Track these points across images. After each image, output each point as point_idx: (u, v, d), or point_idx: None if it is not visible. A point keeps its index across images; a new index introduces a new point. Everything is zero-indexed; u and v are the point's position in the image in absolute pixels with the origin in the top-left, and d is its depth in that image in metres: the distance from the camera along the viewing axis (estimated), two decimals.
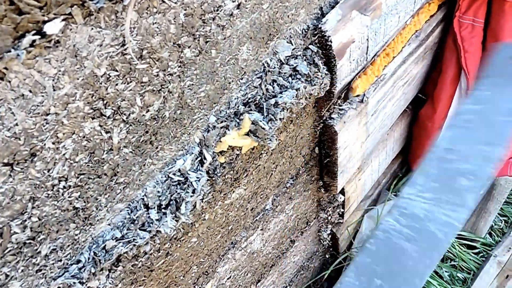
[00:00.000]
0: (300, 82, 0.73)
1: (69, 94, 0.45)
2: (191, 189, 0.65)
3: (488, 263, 1.59)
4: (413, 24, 1.09)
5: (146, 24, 0.48)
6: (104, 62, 0.46)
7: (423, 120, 1.41)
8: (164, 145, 0.61)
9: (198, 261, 0.88)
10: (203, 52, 0.58)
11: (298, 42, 0.74)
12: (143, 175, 0.60)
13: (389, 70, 1.06)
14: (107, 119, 0.50)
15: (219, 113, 0.67)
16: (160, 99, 0.55)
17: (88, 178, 0.52)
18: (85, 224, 0.56)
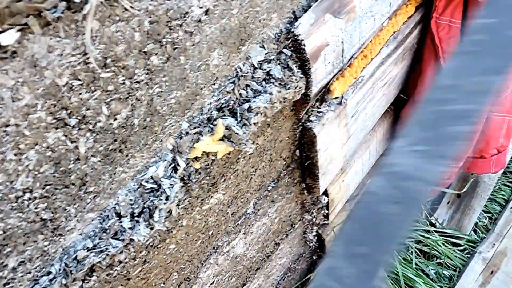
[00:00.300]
0: (273, 86, 0.73)
1: (30, 105, 0.44)
2: (164, 196, 0.64)
3: (473, 260, 1.61)
4: (390, 26, 1.10)
5: (108, 32, 0.48)
6: (65, 71, 0.46)
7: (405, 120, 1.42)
8: (135, 153, 0.60)
9: (179, 268, 0.87)
10: (171, 59, 0.57)
11: (271, 47, 0.74)
12: (114, 184, 0.60)
13: (367, 72, 1.07)
14: (72, 128, 0.50)
15: (191, 119, 0.67)
16: (128, 107, 0.55)
17: (55, 189, 0.52)
18: (54, 235, 0.55)
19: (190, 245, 0.86)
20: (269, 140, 0.91)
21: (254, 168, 0.92)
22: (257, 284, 1.33)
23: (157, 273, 0.80)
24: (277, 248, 1.31)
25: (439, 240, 1.60)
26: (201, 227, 0.86)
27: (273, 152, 0.96)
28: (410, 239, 1.58)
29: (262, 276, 1.33)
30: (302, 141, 1.02)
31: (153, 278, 0.80)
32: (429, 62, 1.26)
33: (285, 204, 1.18)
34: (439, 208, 1.74)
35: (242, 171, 0.88)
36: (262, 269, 1.29)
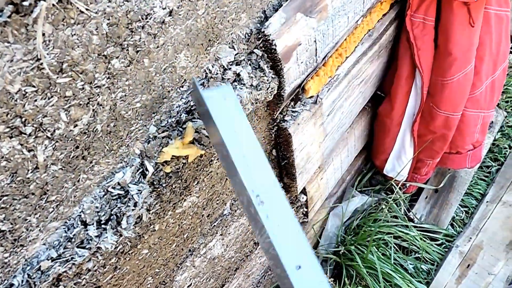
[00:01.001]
0: (244, 87, 0.72)
1: None
2: (132, 203, 0.63)
3: (450, 254, 1.64)
4: (365, 24, 1.10)
5: (63, 36, 0.46)
6: (17, 78, 0.44)
7: (382, 117, 1.43)
8: (100, 159, 0.58)
9: (153, 272, 0.86)
10: (134, 61, 0.56)
11: (241, 47, 0.73)
12: (78, 191, 0.58)
13: (342, 70, 1.07)
14: (28, 137, 0.48)
15: (159, 122, 0.66)
16: (89, 112, 0.53)
17: (13, 199, 0.50)
18: (15, 246, 0.53)
19: (164, 249, 0.84)
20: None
21: None
22: (237, 284, 1.33)
23: (130, 279, 0.79)
24: (257, 247, 1.31)
25: (417, 235, 1.62)
26: (175, 230, 0.84)
27: None
28: (388, 235, 1.60)
29: (241, 275, 1.32)
30: (278, 141, 1.01)
31: (126, 284, 0.78)
32: (404, 60, 1.27)
33: None
34: (417, 203, 1.77)
35: (216, 173, 0.87)
36: (241, 269, 1.29)
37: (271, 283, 1.62)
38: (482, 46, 1.26)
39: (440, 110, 1.33)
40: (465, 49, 1.20)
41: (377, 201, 1.70)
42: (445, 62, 1.22)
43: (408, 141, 1.47)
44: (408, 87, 1.32)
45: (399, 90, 1.32)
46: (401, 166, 1.56)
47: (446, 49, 1.19)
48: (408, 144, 1.48)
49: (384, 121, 1.43)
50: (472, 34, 1.19)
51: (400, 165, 1.56)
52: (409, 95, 1.34)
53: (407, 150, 1.50)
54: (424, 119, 1.39)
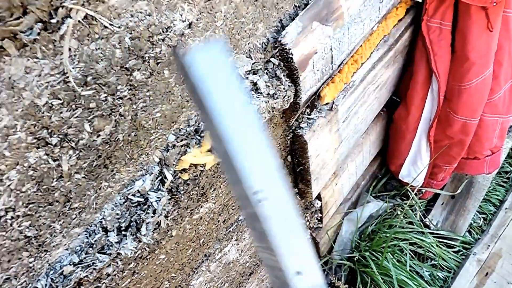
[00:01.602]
0: (261, 96, 0.73)
1: (9, 126, 0.44)
2: (151, 210, 0.64)
3: (468, 261, 1.61)
4: (381, 30, 1.10)
5: (88, 50, 0.47)
6: (44, 91, 0.45)
7: (398, 122, 1.42)
8: (121, 168, 0.60)
9: (170, 276, 0.87)
10: (155, 73, 0.57)
11: (258, 56, 0.74)
12: (100, 199, 0.60)
13: (358, 77, 1.06)
14: (54, 147, 0.49)
15: (178, 131, 0.67)
16: (111, 123, 0.55)
17: (38, 207, 0.52)
18: (39, 251, 0.55)
19: (181, 254, 0.86)
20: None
21: None
22: None
23: (147, 283, 0.80)
24: None
25: (433, 242, 1.60)
26: (192, 236, 0.86)
27: None
28: (404, 241, 1.58)
29: (256, 280, 1.33)
30: (293, 148, 1.02)
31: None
32: (420, 65, 1.26)
33: None
34: (433, 209, 1.75)
35: None
36: (255, 274, 1.29)
37: None
38: (501, 51, 1.24)
39: (457, 116, 1.31)
40: (483, 54, 1.18)
41: (392, 207, 1.68)
42: (463, 67, 1.20)
43: (424, 146, 1.46)
44: (424, 92, 1.31)
45: (415, 95, 1.31)
46: (417, 172, 1.54)
47: (463, 54, 1.18)
48: (424, 150, 1.46)
49: (400, 126, 1.42)
50: (490, 39, 1.17)
51: (416, 171, 1.54)
52: (425, 100, 1.33)
53: (423, 155, 1.48)
54: (441, 124, 1.37)
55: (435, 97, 1.31)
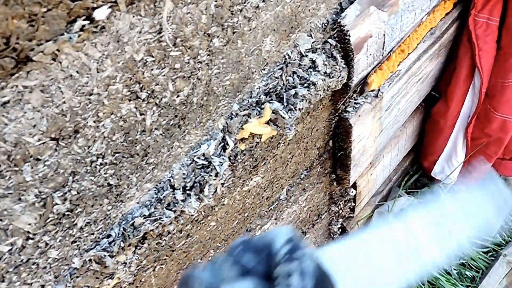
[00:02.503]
0: (319, 74, 0.76)
1: (111, 77, 0.49)
2: (214, 173, 0.68)
3: (498, 262, 1.60)
4: (428, 22, 1.12)
5: (180, 13, 0.52)
6: (142, 48, 0.50)
7: (436, 117, 1.43)
8: (191, 130, 0.64)
9: (215, 246, 0.91)
10: (230, 42, 0.61)
11: (317, 36, 0.77)
12: (170, 158, 0.64)
13: (404, 66, 1.08)
14: (142, 101, 0.54)
15: (242, 101, 0.71)
16: (189, 85, 0.59)
17: (122, 157, 0.56)
18: (117, 201, 0.60)
19: (227, 225, 0.90)
20: (307, 128, 0.94)
21: (291, 154, 0.95)
22: None
23: (197, 249, 0.85)
24: (304, 237, 1.34)
25: None
26: (239, 208, 0.90)
27: (309, 141, 0.99)
28: None
29: None
30: (337, 132, 1.05)
31: (193, 252, 0.84)
32: (464, 60, 1.27)
33: (314, 193, 1.21)
34: None
35: (281, 157, 0.91)
36: None
37: None
38: None
39: (497, 113, 1.31)
40: None
41: None
42: (508, 63, 1.20)
43: (460, 143, 1.46)
44: (466, 88, 1.31)
45: (456, 90, 1.32)
46: (450, 169, 1.54)
47: (510, 50, 1.18)
48: (461, 147, 1.47)
49: (438, 122, 1.43)
50: None
51: (450, 168, 1.54)
52: (466, 95, 1.33)
53: (459, 152, 1.48)
54: (480, 121, 1.37)
55: (476, 93, 1.31)
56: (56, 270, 0.58)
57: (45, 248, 0.54)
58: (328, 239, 1.55)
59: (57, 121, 0.46)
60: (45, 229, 0.52)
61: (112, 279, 0.66)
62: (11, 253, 0.51)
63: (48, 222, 0.52)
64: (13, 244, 0.50)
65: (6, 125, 0.42)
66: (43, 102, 0.44)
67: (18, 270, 0.53)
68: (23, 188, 0.47)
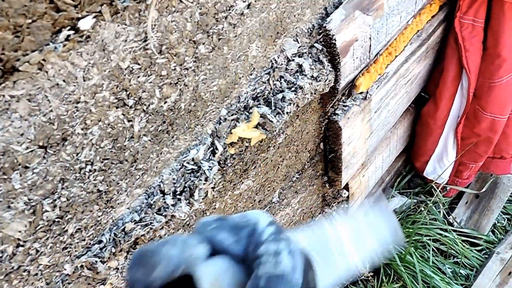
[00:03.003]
0: (306, 78, 0.78)
1: (97, 85, 0.49)
2: (203, 177, 0.69)
3: (491, 260, 1.61)
4: (415, 24, 1.14)
5: (165, 22, 0.53)
6: (128, 56, 0.51)
7: (426, 118, 1.45)
8: (180, 135, 0.65)
9: None
10: (216, 48, 0.62)
11: (304, 41, 0.78)
12: (160, 163, 0.65)
13: (391, 69, 1.10)
14: (130, 108, 0.55)
15: (230, 106, 0.72)
16: (176, 91, 0.60)
17: (111, 163, 0.57)
18: (107, 207, 0.61)
19: None
20: (297, 132, 0.95)
21: (282, 158, 0.96)
22: None
23: None
24: None
25: (457, 239, 1.61)
26: (231, 212, 0.90)
27: (300, 144, 1.00)
28: (427, 237, 1.60)
29: None
30: (327, 134, 1.06)
31: None
32: (451, 61, 1.29)
33: (307, 195, 1.22)
34: (457, 208, 1.76)
35: (271, 160, 0.92)
36: None
37: None
38: None
39: (486, 113, 1.33)
40: None
41: (415, 204, 1.70)
42: (494, 64, 1.22)
43: (451, 143, 1.48)
44: (454, 89, 1.33)
45: (445, 91, 1.34)
46: (442, 169, 1.56)
47: (495, 51, 1.20)
48: (451, 146, 1.48)
49: (428, 122, 1.45)
50: None
51: (441, 168, 1.56)
52: (455, 96, 1.35)
53: (450, 152, 1.50)
54: (469, 121, 1.39)
55: (465, 94, 1.33)
56: (48, 277, 0.58)
57: (36, 255, 0.55)
58: None
59: (44, 129, 0.47)
60: (35, 236, 0.53)
61: (105, 284, 0.67)
62: (1, 260, 0.51)
63: (38, 229, 0.53)
64: (3, 252, 0.51)
65: None
66: (30, 111, 0.45)
67: (9, 278, 0.53)
68: (12, 196, 0.48)
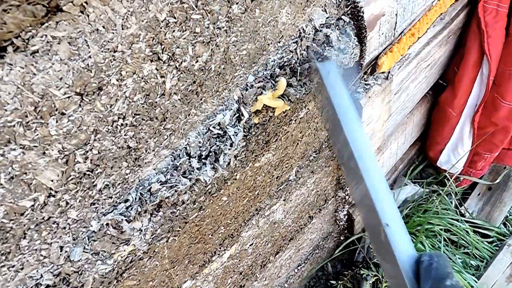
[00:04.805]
0: (332, 50, 0.77)
1: (134, 35, 0.49)
2: (229, 142, 0.69)
3: (502, 252, 1.61)
4: (438, 7, 1.12)
5: None
6: (165, 7, 0.51)
7: (443, 105, 1.44)
8: (207, 98, 0.65)
9: (226, 222, 0.92)
10: (249, 10, 0.62)
11: (332, 12, 0.78)
12: (187, 125, 0.65)
13: (413, 50, 1.09)
14: (163, 63, 0.55)
15: (257, 73, 0.72)
16: (208, 51, 0.60)
17: (142, 119, 0.57)
18: (135, 165, 0.61)
19: (238, 201, 0.91)
20: (318, 107, 0.95)
21: (302, 134, 0.96)
22: (288, 255, 1.38)
23: (208, 223, 0.86)
24: (310, 222, 1.35)
25: (468, 229, 1.61)
26: (250, 184, 0.90)
27: (319, 121, 1.00)
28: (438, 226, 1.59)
29: (293, 247, 1.37)
30: None
31: (205, 227, 0.85)
32: (472, 47, 1.27)
33: (322, 177, 1.21)
34: (469, 199, 1.75)
35: (291, 134, 0.92)
36: (294, 241, 1.33)
37: (316, 262, 1.66)
38: None
39: (504, 101, 1.32)
40: None
41: (428, 193, 1.69)
42: None
43: (467, 132, 1.46)
44: (474, 75, 1.32)
45: (464, 77, 1.32)
46: (456, 158, 1.55)
47: None
48: (467, 136, 1.47)
49: (445, 110, 1.44)
50: None
51: (456, 157, 1.55)
52: (474, 83, 1.34)
53: (465, 141, 1.49)
54: (487, 109, 1.38)
55: (484, 81, 1.32)
56: (75, 232, 0.59)
57: (65, 207, 0.55)
58: (334, 226, 1.56)
59: (82, 75, 0.47)
60: (66, 187, 0.53)
61: (128, 245, 0.67)
62: (33, 209, 0.51)
63: (69, 180, 0.53)
64: (36, 200, 0.51)
65: (35, 75, 0.43)
66: (70, 54, 0.45)
67: (39, 228, 0.54)
68: (47, 142, 0.48)
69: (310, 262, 1.58)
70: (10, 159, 0.46)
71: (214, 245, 0.94)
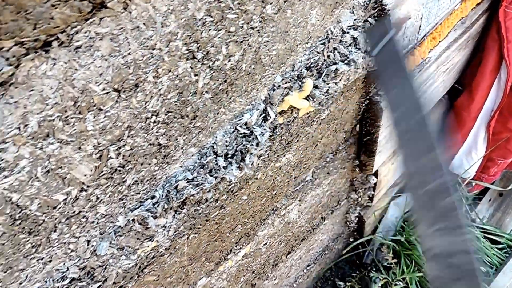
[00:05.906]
0: (359, 52, 0.77)
1: (173, 33, 0.49)
2: (255, 142, 0.69)
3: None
4: (460, 11, 1.12)
5: None
6: (203, 6, 0.51)
7: (459, 110, 1.43)
8: (236, 97, 0.65)
9: (243, 221, 0.92)
10: (281, 10, 0.62)
11: (359, 14, 0.78)
12: (215, 124, 0.65)
13: (434, 54, 1.09)
14: (198, 62, 0.55)
15: (284, 74, 0.72)
16: (240, 50, 0.60)
17: (174, 117, 0.57)
18: (163, 162, 0.61)
19: (257, 201, 0.91)
20: (339, 110, 0.95)
21: (321, 135, 0.96)
22: (299, 255, 1.38)
23: (227, 221, 0.86)
24: (322, 223, 1.35)
25: (479, 235, 1.60)
26: (269, 184, 0.91)
27: (339, 123, 1.00)
28: None
29: (304, 248, 1.37)
30: (366, 116, 1.05)
31: (224, 225, 0.85)
32: (491, 52, 1.27)
33: (337, 178, 1.21)
34: (480, 205, 1.74)
35: (312, 135, 0.92)
36: (306, 241, 1.33)
37: (325, 263, 1.66)
38: None
39: None
40: None
41: None
42: None
43: (481, 137, 1.46)
44: (491, 81, 1.31)
45: (482, 82, 1.32)
46: (469, 163, 1.54)
47: None
48: (481, 141, 1.47)
49: (460, 114, 1.43)
50: None
51: (469, 162, 1.54)
52: (491, 88, 1.33)
53: (479, 146, 1.48)
54: (503, 115, 1.37)
55: (502, 87, 1.31)
56: (102, 227, 0.59)
57: (95, 202, 0.55)
58: (344, 228, 1.56)
59: (121, 72, 0.47)
60: (98, 182, 0.53)
61: (152, 241, 0.67)
62: (65, 203, 0.52)
63: (101, 176, 0.53)
64: (68, 194, 0.51)
65: (76, 70, 0.43)
66: (111, 51, 0.45)
67: (69, 222, 0.54)
68: (84, 137, 0.48)
69: (319, 262, 1.58)
70: (47, 152, 0.46)
71: (231, 243, 0.94)
